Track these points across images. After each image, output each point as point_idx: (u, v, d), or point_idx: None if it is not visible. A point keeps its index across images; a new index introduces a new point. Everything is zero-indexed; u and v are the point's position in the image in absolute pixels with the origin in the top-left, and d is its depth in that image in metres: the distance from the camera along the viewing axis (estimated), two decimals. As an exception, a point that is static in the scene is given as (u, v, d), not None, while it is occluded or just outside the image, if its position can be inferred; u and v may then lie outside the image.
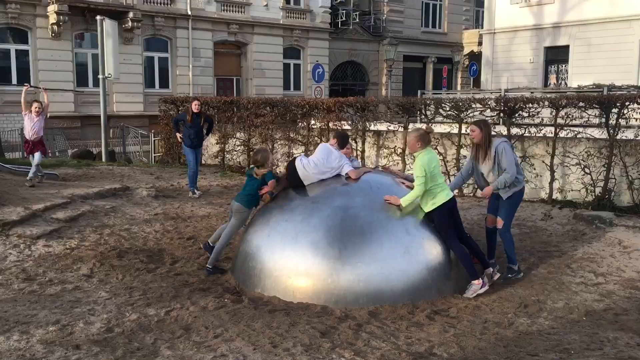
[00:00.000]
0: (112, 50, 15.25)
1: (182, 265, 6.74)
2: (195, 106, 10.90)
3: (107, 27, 15.18)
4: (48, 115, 10.63)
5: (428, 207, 5.87)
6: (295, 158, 6.49)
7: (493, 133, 6.81)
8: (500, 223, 6.37)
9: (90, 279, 6.13)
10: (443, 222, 5.83)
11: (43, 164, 13.52)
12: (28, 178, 9.98)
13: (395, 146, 11.88)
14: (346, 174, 6.25)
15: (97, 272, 6.36)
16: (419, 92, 17.06)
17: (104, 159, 15.69)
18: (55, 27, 21.62)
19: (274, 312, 5.27)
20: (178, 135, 11.39)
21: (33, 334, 4.60)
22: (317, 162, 6.26)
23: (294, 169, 6.27)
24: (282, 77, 28.43)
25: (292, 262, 5.72)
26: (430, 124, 11.07)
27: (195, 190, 10.75)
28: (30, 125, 10.20)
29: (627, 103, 8.98)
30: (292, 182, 6.31)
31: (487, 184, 6.39)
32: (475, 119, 10.85)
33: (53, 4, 21.28)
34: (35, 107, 10.26)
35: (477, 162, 6.41)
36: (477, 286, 5.75)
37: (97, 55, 15.42)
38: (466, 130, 10.78)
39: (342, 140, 6.57)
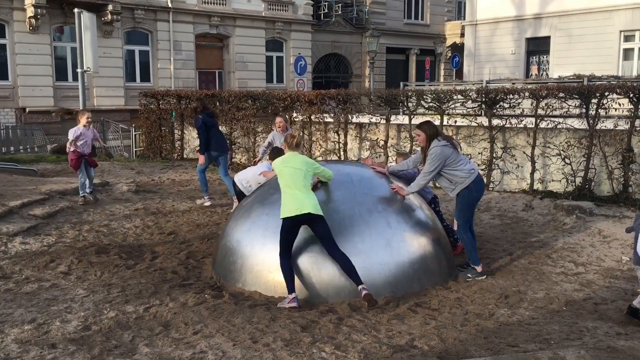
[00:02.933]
0: (91, 43, 15.00)
1: (162, 261, 6.66)
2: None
3: (86, 20, 14.93)
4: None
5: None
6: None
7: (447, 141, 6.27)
8: (455, 224, 6.33)
9: (67, 276, 6.04)
10: (280, 234, 5.46)
11: (21, 159, 13.33)
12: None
13: (378, 138, 11.87)
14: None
15: (75, 269, 6.27)
16: (401, 83, 17.03)
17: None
18: (32, 20, 21.24)
19: (254, 307, 5.23)
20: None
21: (8, 333, 4.51)
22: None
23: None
24: (264, 70, 28.25)
25: (273, 257, 5.66)
26: (412, 116, 11.08)
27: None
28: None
29: (606, 93, 9.03)
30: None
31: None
32: (456, 111, 10.89)
33: (30, -4, 20.92)
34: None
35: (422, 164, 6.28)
36: (286, 300, 5.35)
37: (77, 49, 15.17)
38: (448, 122, 10.81)
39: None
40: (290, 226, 5.42)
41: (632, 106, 8.86)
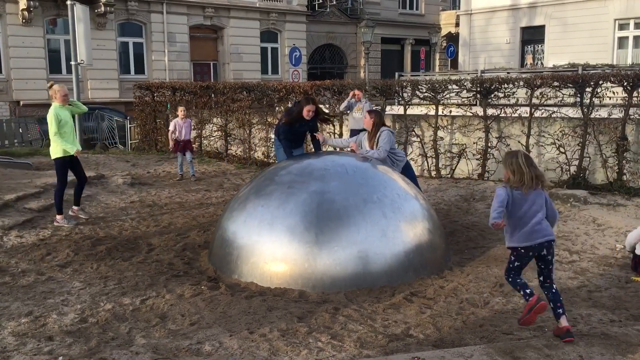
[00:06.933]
0: (84, 35, 14.92)
1: (158, 253, 6.67)
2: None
3: (79, 12, 14.83)
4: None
5: (53, 154, 7.54)
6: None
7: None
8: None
9: (64, 269, 6.04)
10: (57, 170, 7.61)
11: (15, 153, 13.28)
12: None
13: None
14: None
15: (71, 262, 6.27)
16: (396, 74, 17.02)
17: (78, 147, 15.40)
18: (25, 12, 21.11)
19: (251, 298, 5.24)
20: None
21: (5, 326, 4.52)
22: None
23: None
24: (259, 61, 28.16)
25: (269, 248, 5.69)
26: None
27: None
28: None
29: (600, 82, 9.05)
30: None
31: None
32: (451, 101, 10.91)
33: (22, -11, 20.79)
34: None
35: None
36: (59, 218, 7.54)
37: (70, 41, 15.08)
38: (443, 112, 10.81)
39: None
40: (65, 162, 7.58)
41: (626, 95, 8.89)
